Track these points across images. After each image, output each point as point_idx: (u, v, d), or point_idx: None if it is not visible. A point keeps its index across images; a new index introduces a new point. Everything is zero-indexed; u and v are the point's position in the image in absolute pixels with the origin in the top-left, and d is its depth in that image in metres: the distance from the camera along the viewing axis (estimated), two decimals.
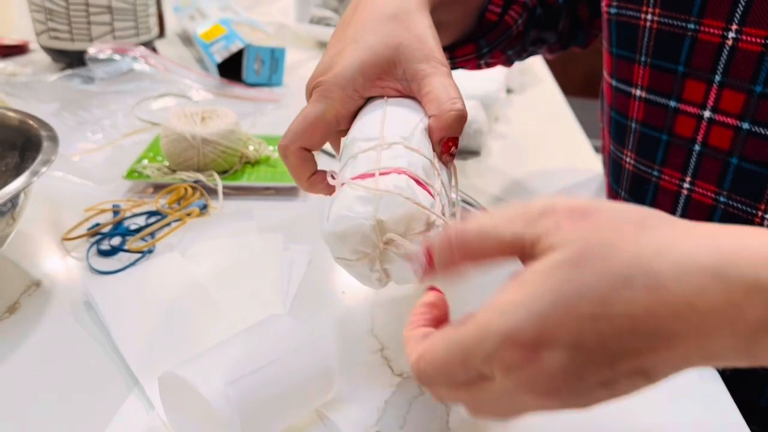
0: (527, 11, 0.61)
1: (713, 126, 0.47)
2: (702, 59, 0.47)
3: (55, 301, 0.50)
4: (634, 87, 0.53)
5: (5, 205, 0.46)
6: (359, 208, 0.37)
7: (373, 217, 0.36)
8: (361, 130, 0.42)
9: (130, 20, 1.04)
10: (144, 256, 0.56)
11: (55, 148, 0.52)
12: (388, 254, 0.38)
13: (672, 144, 0.51)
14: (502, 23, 0.60)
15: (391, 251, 0.37)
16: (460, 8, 0.56)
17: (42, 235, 0.59)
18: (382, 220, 0.36)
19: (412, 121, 0.41)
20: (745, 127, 0.45)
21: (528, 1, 0.61)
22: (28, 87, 0.95)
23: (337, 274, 0.55)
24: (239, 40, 1.01)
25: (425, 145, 0.40)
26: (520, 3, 0.60)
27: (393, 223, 0.36)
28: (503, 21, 0.59)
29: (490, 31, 0.60)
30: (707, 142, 0.48)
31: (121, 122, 0.83)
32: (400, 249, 0.37)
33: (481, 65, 0.65)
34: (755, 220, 0.47)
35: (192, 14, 1.21)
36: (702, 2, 0.46)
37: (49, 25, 1.00)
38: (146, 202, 0.64)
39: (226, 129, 0.68)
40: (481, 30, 0.60)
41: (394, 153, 0.39)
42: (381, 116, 0.42)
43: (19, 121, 0.56)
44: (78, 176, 0.69)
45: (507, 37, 0.61)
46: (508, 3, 0.59)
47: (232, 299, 0.50)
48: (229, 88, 0.98)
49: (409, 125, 0.41)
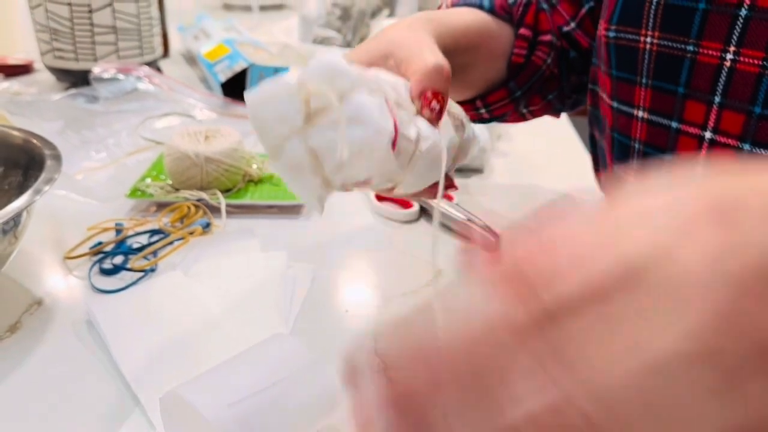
0: (555, 51, 0.61)
1: (714, 147, 0.47)
2: (701, 81, 0.47)
3: (56, 320, 0.50)
4: (636, 108, 0.53)
5: (8, 224, 0.46)
6: (286, 78, 0.35)
7: (294, 80, 0.34)
8: None
9: (135, 40, 1.04)
10: (146, 275, 0.55)
11: (59, 167, 0.52)
12: (315, 127, 0.34)
13: (675, 165, 0.51)
14: (529, 64, 0.60)
15: (317, 125, 0.34)
16: (483, 52, 0.57)
17: (44, 254, 0.58)
18: (303, 81, 0.34)
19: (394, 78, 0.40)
20: (746, 149, 0.45)
21: (555, 41, 0.61)
22: (32, 106, 0.96)
23: (341, 293, 0.55)
24: (243, 60, 1.01)
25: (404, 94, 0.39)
26: (546, 43, 0.60)
27: (314, 80, 0.34)
28: (530, 62, 0.60)
29: (519, 74, 0.60)
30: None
31: (124, 141, 0.84)
32: (326, 116, 0.34)
33: (525, 114, 0.65)
34: None
35: (196, 34, 1.21)
36: (700, 24, 0.46)
37: (53, 44, 1.01)
38: (149, 220, 0.64)
39: (229, 147, 0.68)
40: (510, 74, 0.61)
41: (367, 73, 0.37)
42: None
43: (23, 140, 0.56)
44: (81, 195, 0.69)
45: (538, 78, 0.61)
46: (533, 45, 0.60)
47: (235, 318, 0.50)
48: (233, 107, 0.98)
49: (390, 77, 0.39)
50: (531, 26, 0.60)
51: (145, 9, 1.05)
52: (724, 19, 0.44)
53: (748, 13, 0.43)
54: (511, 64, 0.60)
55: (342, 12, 1.27)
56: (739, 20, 0.43)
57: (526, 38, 0.60)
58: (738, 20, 0.43)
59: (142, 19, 1.05)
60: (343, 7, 1.28)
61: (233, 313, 0.51)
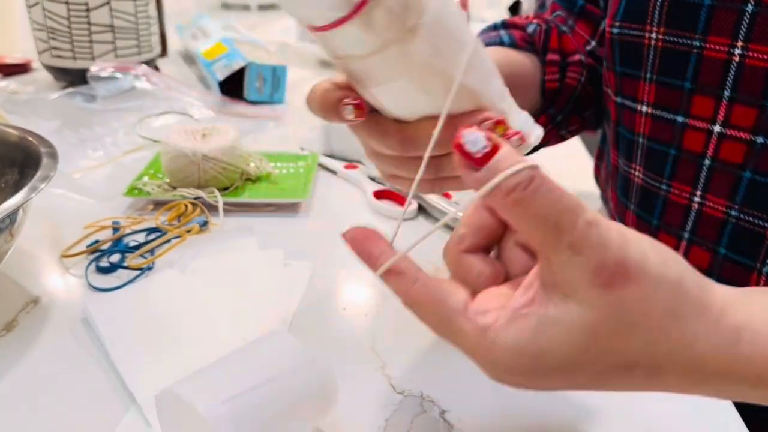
0: (586, 68, 0.61)
1: (724, 141, 0.47)
2: (709, 76, 0.47)
3: (53, 319, 0.50)
4: (639, 103, 0.53)
5: (3, 222, 0.46)
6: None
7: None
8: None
9: (133, 39, 1.04)
10: (143, 273, 0.55)
11: (55, 165, 0.51)
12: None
13: (681, 158, 0.51)
14: (565, 87, 0.60)
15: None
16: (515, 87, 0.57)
17: (41, 252, 0.58)
18: None
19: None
20: (759, 141, 0.45)
21: (584, 59, 0.61)
22: (30, 105, 0.96)
23: (338, 291, 0.54)
24: (241, 59, 1.01)
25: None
26: (576, 63, 0.60)
27: None
28: (565, 85, 0.59)
29: (557, 99, 0.60)
30: (718, 157, 0.48)
31: (122, 140, 0.83)
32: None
33: (564, 135, 0.65)
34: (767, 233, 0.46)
35: (194, 33, 1.21)
36: (706, 20, 0.46)
37: (51, 43, 1.01)
38: (146, 218, 0.64)
39: (226, 145, 0.68)
40: (547, 101, 0.60)
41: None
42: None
43: (19, 137, 0.56)
44: (78, 193, 0.69)
45: (575, 98, 0.61)
46: (563, 68, 0.59)
47: (232, 316, 0.50)
48: (231, 105, 0.98)
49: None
50: (557, 50, 0.60)
51: (143, 8, 1.05)
52: (730, 14, 0.44)
53: (755, 9, 0.42)
54: (546, 91, 0.59)
55: None
56: (746, 15, 0.43)
57: (555, 63, 0.59)
58: (745, 15, 0.43)
59: (140, 17, 1.04)
60: None
61: (230, 312, 0.50)
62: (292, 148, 0.83)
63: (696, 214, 0.51)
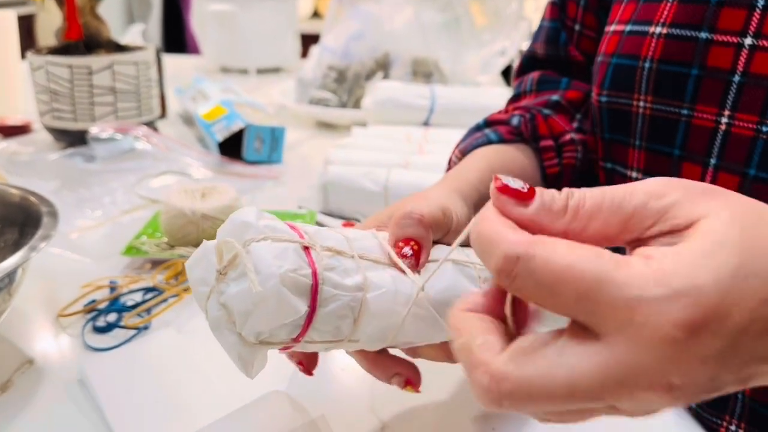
0: (580, 144, 0.61)
1: None
2: (697, 143, 0.47)
3: (48, 379, 0.49)
4: (629, 169, 0.54)
5: (2, 281, 0.46)
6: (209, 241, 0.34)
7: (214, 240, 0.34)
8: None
9: (133, 101, 1.06)
10: (140, 333, 0.55)
11: (55, 224, 0.52)
12: (224, 283, 0.33)
13: None
14: (565, 169, 0.59)
15: (226, 280, 0.33)
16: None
17: (37, 312, 0.58)
18: (218, 239, 0.33)
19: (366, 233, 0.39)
20: None
21: (575, 136, 0.61)
22: (29, 165, 0.96)
23: (336, 350, 0.54)
24: (240, 120, 1.03)
25: (370, 246, 0.37)
26: (568, 142, 0.59)
27: (225, 235, 0.33)
28: (565, 166, 0.59)
29: (561, 183, 0.59)
30: None
31: (120, 199, 0.84)
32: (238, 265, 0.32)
33: None
34: None
35: (194, 96, 1.23)
36: (694, 89, 0.47)
37: (53, 105, 1.02)
38: (143, 278, 0.64)
39: (225, 205, 0.68)
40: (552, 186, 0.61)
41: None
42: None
43: (20, 197, 0.57)
44: (76, 253, 0.69)
45: (578, 175, 0.61)
46: (558, 151, 0.59)
47: (229, 377, 0.49)
48: (230, 165, 0.99)
49: (360, 233, 0.38)
50: (548, 136, 0.59)
51: (144, 71, 1.07)
52: (717, 84, 0.45)
53: (741, 79, 0.43)
54: (548, 177, 0.59)
55: (338, 75, 1.30)
56: (733, 86, 0.44)
57: (551, 148, 0.59)
58: (732, 86, 0.44)
59: (141, 80, 1.06)
60: (339, 70, 1.30)
61: (228, 372, 0.50)
62: (290, 206, 0.84)
63: None
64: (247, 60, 1.81)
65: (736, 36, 0.42)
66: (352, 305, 0.34)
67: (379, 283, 0.35)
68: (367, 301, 0.34)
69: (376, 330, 0.35)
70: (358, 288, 0.34)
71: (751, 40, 0.41)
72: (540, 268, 0.24)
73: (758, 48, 0.41)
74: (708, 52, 0.44)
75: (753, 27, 0.41)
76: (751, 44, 0.41)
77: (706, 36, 0.44)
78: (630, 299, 0.23)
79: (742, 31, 0.42)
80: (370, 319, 0.35)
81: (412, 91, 1.16)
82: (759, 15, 0.41)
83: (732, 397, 0.43)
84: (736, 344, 0.23)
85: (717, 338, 0.23)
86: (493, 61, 1.42)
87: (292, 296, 0.32)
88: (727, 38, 0.43)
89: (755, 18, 0.41)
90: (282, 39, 1.87)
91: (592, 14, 0.60)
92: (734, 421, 0.43)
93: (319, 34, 1.41)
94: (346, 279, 0.34)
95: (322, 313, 0.33)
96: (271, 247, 0.32)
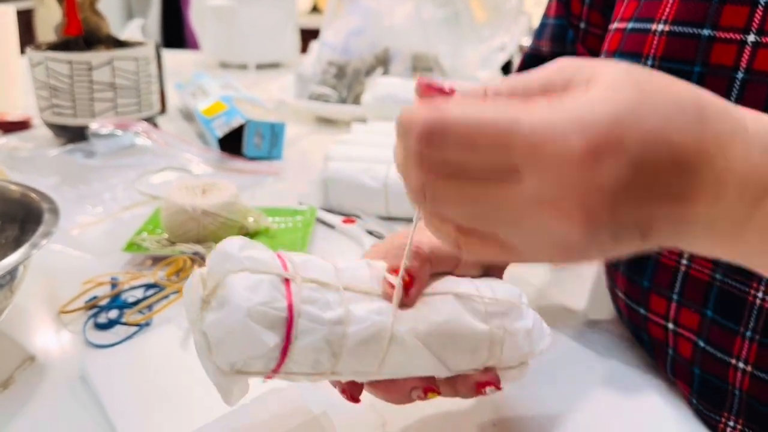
0: None
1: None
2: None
3: (50, 376, 0.49)
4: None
5: (4, 278, 0.46)
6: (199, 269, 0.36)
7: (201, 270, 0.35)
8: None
9: (133, 97, 1.06)
10: (141, 329, 0.55)
11: (56, 221, 0.52)
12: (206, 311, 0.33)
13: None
14: None
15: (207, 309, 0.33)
16: None
17: (39, 309, 0.58)
18: (204, 269, 0.34)
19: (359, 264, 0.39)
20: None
21: None
22: (29, 161, 0.96)
23: None
24: (240, 116, 1.03)
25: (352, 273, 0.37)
26: None
27: (210, 266, 0.34)
28: None
29: None
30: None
31: (121, 196, 0.84)
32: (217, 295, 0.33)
33: None
34: None
35: (194, 92, 1.23)
36: None
37: (53, 101, 1.02)
38: (144, 274, 0.64)
39: (226, 201, 0.68)
40: None
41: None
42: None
43: (21, 194, 0.57)
44: (77, 249, 0.69)
45: None
46: None
47: None
48: (230, 161, 0.99)
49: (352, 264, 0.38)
50: None
51: (144, 67, 1.07)
52: (720, 81, 0.44)
53: (745, 76, 0.43)
54: None
55: (337, 70, 1.30)
56: (736, 83, 0.43)
57: None
58: (735, 83, 0.43)
59: (141, 76, 1.06)
60: (339, 65, 1.30)
61: None
62: (290, 202, 0.84)
63: None
64: (246, 55, 1.81)
65: (739, 33, 0.42)
66: (330, 339, 0.34)
67: (362, 317, 0.35)
68: (347, 335, 0.34)
69: (360, 363, 0.35)
70: (338, 321, 0.34)
71: (754, 37, 0.41)
72: (456, 124, 0.26)
73: (761, 45, 0.41)
74: (711, 50, 0.44)
75: (756, 24, 0.41)
76: (754, 41, 0.41)
77: (709, 33, 0.44)
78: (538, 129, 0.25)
79: (744, 28, 0.42)
80: (352, 353, 0.35)
81: (412, 87, 1.15)
82: (762, 12, 0.41)
83: (730, 393, 0.43)
84: (635, 175, 0.25)
85: (616, 166, 0.25)
86: (493, 57, 1.42)
87: (260, 329, 0.32)
88: (729, 35, 0.43)
89: (758, 15, 0.41)
90: (281, 34, 1.86)
91: (597, 12, 0.60)
92: (732, 418, 0.44)
93: (318, 29, 1.41)
94: (327, 312, 0.34)
95: (298, 346, 0.33)
96: (245, 279, 0.33)
